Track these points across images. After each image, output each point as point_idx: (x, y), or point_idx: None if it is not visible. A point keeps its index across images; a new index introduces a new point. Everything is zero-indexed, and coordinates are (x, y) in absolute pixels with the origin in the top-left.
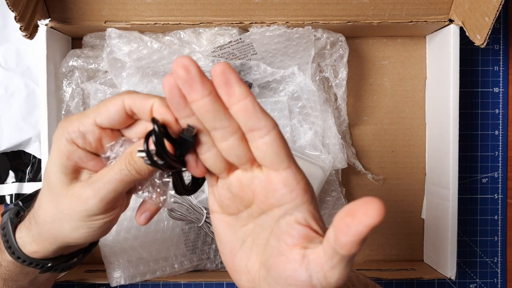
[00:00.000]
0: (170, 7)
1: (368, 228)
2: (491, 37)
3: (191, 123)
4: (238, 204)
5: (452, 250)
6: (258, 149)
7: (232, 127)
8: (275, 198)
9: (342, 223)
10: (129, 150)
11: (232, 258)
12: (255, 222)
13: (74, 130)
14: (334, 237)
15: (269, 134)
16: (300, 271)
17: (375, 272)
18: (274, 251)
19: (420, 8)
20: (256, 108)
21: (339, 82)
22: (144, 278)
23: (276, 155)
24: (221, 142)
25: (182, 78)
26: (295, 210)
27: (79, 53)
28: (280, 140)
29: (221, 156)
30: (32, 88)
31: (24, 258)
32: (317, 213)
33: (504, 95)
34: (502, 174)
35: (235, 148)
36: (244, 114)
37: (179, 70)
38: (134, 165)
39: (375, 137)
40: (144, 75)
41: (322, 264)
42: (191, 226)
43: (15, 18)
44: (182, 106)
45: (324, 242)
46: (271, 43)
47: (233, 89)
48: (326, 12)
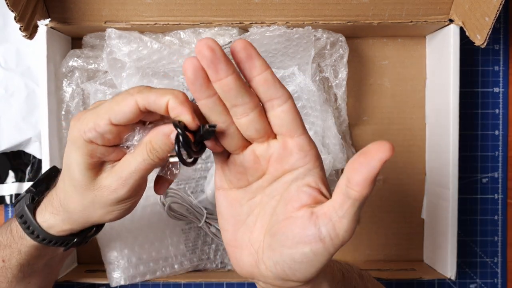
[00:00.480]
0: (170, 7)
1: (381, 163)
2: (491, 37)
3: (210, 105)
4: (249, 177)
5: (452, 250)
6: (277, 117)
7: (253, 102)
8: (289, 163)
9: (355, 163)
10: (148, 139)
11: (234, 233)
12: (263, 192)
13: (91, 131)
14: (346, 180)
15: (286, 102)
16: (308, 226)
17: (375, 272)
18: (281, 216)
19: (420, 8)
20: (275, 79)
21: (339, 82)
22: (144, 278)
23: (292, 122)
24: (241, 117)
25: (208, 58)
26: (306, 174)
27: (79, 53)
28: (295, 108)
29: (238, 134)
30: (32, 88)
31: (51, 238)
32: (325, 180)
33: (504, 95)
34: (502, 174)
35: (255, 122)
36: (265, 84)
37: (205, 50)
38: (156, 153)
39: (375, 137)
40: (144, 75)
41: (331, 215)
42: (191, 226)
43: (15, 18)
44: (205, 87)
45: (335, 191)
46: (271, 43)
47: (254, 63)
48: (326, 12)
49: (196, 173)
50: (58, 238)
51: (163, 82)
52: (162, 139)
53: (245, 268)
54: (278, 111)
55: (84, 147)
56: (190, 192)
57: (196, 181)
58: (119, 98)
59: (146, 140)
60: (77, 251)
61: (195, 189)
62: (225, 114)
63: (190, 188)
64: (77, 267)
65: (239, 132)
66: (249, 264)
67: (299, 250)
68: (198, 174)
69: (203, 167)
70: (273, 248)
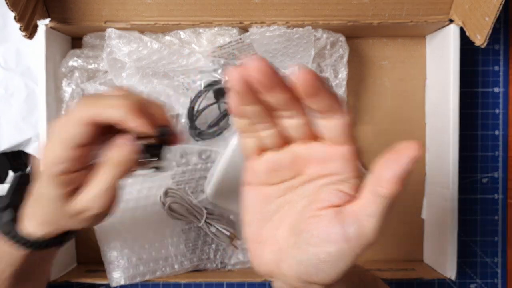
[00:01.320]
0: (170, 7)
1: (411, 160)
2: (491, 37)
3: (253, 111)
4: (284, 175)
5: (452, 250)
6: (328, 128)
7: (302, 110)
8: (329, 169)
9: (386, 160)
10: (113, 155)
11: (259, 229)
12: (295, 191)
13: (55, 164)
14: (375, 178)
15: (342, 116)
16: (335, 225)
17: (375, 272)
18: (307, 214)
19: (420, 8)
20: (335, 93)
21: (339, 82)
22: (144, 278)
23: (343, 133)
24: (290, 119)
25: (263, 84)
26: (343, 182)
27: (79, 53)
28: (349, 120)
29: (279, 133)
30: (32, 88)
31: (44, 243)
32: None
33: (504, 95)
34: (502, 174)
35: (302, 126)
36: (325, 99)
37: (260, 76)
38: (123, 167)
39: (375, 137)
40: (144, 75)
41: (358, 214)
42: (191, 226)
43: (15, 18)
44: (251, 99)
45: (363, 191)
46: (271, 43)
47: (322, 98)
48: (326, 12)
49: (196, 173)
50: (49, 241)
51: (163, 82)
52: (125, 153)
53: (266, 265)
54: (332, 122)
55: (55, 181)
56: (190, 192)
57: (196, 181)
58: (68, 122)
59: (112, 156)
60: (77, 251)
61: (195, 189)
62: (268, 117)
63: (190, 188)
64: (77, 267)
65: (280, 131)
66: (270, 261)
67: (325, 249)
68: (198, 174)
69: (203, 167)
70: (298, 246)
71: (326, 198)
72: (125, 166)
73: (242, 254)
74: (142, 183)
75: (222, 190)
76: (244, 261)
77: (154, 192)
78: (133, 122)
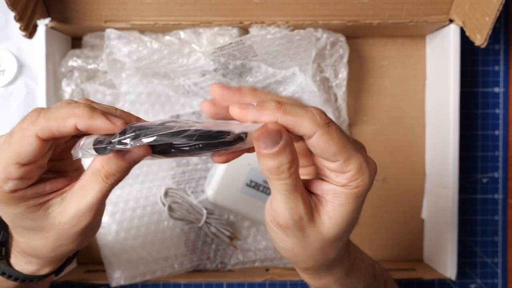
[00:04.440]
0: (170, 7)
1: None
2: (492, 37)
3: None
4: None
5: (452, 250)
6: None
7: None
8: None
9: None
10: (100, 166)
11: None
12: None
13: (6, 181)
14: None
15: (311, 136)
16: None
17: None
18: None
19: (420, 8)
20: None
21: (339, 82)
22: (144, 278)
23: (324, 155)
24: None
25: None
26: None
27: (78, 53)
28: (332, 141)
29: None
30: (31, 87)
31: (37, 278)
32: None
33: (504, 95)
34: (502, 174)
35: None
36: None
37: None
38: (114, 177)
39: (375, 137)
40: (144, 75)
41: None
42: (191, 226)
43: (15, 17)
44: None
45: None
46: (272, 45)
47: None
48: (326, 12)
49: (196, 173)
50: (42, 276)
51: (163, 83)
52: (117, 162)
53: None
54: (309, 142)
55: (12, 198)
56: (190, 192)
57: (196, 181)
58: (17, 138)
59: (98, 167)
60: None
61: (195, 189)
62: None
63: (190, 188)
64: (77, 267)
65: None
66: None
67: (278, 244)
68: (198, 174)
69: (203, 167)
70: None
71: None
72: (117, 176)
73: (242, 254)
74: (142, 183)
75: (222, 190)
76: (244, 261)
77: (154, 192)
78: (105, 128)
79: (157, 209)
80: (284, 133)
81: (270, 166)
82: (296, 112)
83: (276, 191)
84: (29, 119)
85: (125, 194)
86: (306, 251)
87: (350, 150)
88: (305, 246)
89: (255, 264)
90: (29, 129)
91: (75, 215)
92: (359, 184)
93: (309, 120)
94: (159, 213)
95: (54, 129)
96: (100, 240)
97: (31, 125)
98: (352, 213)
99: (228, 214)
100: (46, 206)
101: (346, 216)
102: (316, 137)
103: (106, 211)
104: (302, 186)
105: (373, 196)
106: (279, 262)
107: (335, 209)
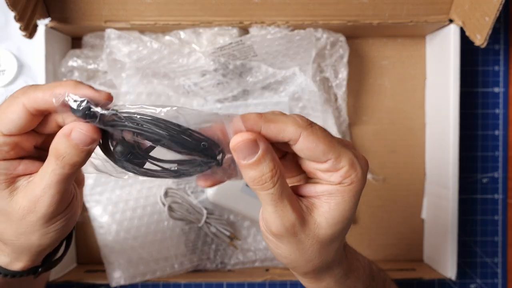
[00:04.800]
0: (170, 7)
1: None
2: (492, 37)
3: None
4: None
5: (452, 250)
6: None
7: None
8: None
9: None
10: (53, 145)
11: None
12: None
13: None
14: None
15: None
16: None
17: None
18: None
19: (420, 8)
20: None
21: (339, 82)
22: (144, 278)
23: (314, 156)
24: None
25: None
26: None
27: (78, 53)
28: (312, 144)
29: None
30: None
31: (14, 273)
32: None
33: (504, 95)
34: (502, 174)
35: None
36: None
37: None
38: (64, 160)
39: (375, 137)
40: (144, 75)
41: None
42: (191, 226)
43: (15, 17)
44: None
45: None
46: (272, 45)
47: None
48: (326, 12)
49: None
50: (22, 272)
51: (163, 83)
52: (64, 141)
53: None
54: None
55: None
56: (190, 192)
57: None
58: (4, 105)
59: (51, 147)
60: (77, 251)
61: (195, 189)
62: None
63: (190, 188)
64: (77, 267)
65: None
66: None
67: (275, 251)
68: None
69: None
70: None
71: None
72: (67, 159)
73: (242, 254)
74: (142, 183)
75: (222, 190)
76: (244, 261)
77: (154, 192)
78: (84, 88)
79: (157, 209)
80: (261, 141)
81: (252, 176)
82: (277, 119)
83: (264, 202)
84: (20, 90)
85: (125, 194)
86: (303, 256)
87: (339, 147)
88: (301, 251)
89: (255, 264)
90: (18, 97)
91: (32, 200)
92: (353, 180)
93: (292, 124)
94: (159, 213)
95: (40, 100)
96: (100, 240)
97: (20, 94)
98: (349, 211)
99: (228, 214)
100: (13, 187)
101: (343, 215)
102: (302, 138)
103: (106, 211)
104: (290, 192)
105: (373, 196)
106: (279, 262)
107: (331, 209)
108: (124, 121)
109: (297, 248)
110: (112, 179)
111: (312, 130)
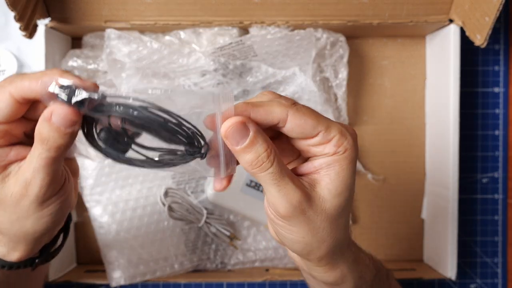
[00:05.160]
0: (170, 7)
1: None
2: (492, 37)
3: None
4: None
5: (452, 250)
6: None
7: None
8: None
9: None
10: (36, 129)
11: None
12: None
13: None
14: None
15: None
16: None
17: None
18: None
19: (420, 8)
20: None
21: (339, 82)
22: (144, 278)
23: (305, 132)
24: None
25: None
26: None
27: (78, 53)
28: (299, 124)
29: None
30: None
31: (11, 264)
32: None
33: (504, 95)
34: (502, 174)
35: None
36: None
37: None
38: (48, 143)
39: (375, 137)
40: (144, 75)
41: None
42: (191, 226)
43: (15, 17)
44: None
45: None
46: (272, 45)
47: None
48: (326, 12)
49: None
50: (20, 263)
51: (163, 83)
52: (46, 126)
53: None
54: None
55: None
56: (190, 192)
57: (196, 181)
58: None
59: (36, 132)
60: (77, 251)
61: (195, 189)
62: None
63: (190, 188)
64: (76, 267)
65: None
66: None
67: (288, 236)
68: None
69: None
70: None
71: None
72: (51, 142)
73: (242, 254)
74: (142, 183)
75: None
76: (244, 261)
77: (154, 192)
78: (70, 77)
79: (157, 209)
80: (250, 124)
81: (249, 159)
82: (263, 103)
83: (266, 184)
84: (7, 79)
85: (125, 194)
86: (315, 236)
87: (326, 119)
88: (313, 231)
89: (255, 264)
90: (4, 86)
91: (23, 184)
92: (346, 147)
93: (277, 105)
94: (159, 213)
95: (27, 88)
96: (100, 240)
97: (7, 83)
98: (350, 179)
99: (228, 214)
100: (4, 173)
101: (345, 183)
102: (290, 117)
103: (106, 211)
104: (289, 171)
105: (373, 196)
106: (279, 262)
107: (332, 179)
108: (111, 106)
109: (309, 228)
110: (113, 179)
111: (297, 108)
